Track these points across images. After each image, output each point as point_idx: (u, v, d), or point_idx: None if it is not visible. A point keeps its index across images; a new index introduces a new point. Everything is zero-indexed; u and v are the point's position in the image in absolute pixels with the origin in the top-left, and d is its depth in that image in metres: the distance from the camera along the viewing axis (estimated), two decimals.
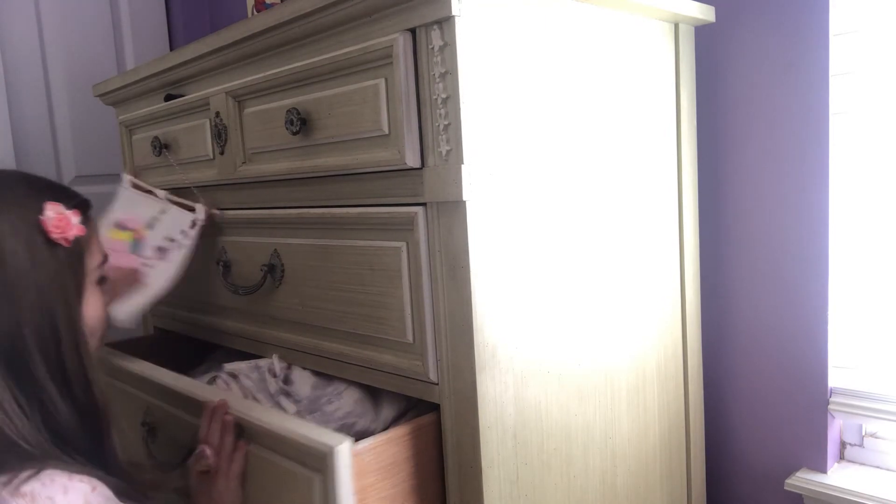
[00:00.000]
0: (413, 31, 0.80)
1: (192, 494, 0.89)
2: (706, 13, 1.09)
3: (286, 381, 1.03)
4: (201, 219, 1.13)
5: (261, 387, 1.02)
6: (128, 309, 1.06)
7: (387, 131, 0.83)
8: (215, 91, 1.09)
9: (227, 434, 0.86)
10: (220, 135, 1.09)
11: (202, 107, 1.14)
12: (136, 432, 1.06)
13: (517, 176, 0.84)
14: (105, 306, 0.83)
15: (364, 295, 0.92)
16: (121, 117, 1.41)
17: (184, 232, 1.12)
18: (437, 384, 0.84)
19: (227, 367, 1.06)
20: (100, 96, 1.46)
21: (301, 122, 0.92)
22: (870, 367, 1.15)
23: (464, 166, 0.77)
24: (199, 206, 1.14)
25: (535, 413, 0.87)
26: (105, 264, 0.84)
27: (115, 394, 1.15)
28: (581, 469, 0.95)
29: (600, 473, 0.98)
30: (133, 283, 1.09)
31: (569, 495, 0.93)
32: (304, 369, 1.04)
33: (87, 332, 0.78)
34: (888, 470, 1.15)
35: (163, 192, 1.22)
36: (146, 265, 1.12)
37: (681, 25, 1.07)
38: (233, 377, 1.03)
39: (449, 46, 0.76)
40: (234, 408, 0.88)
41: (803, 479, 1.15)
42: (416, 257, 0.84)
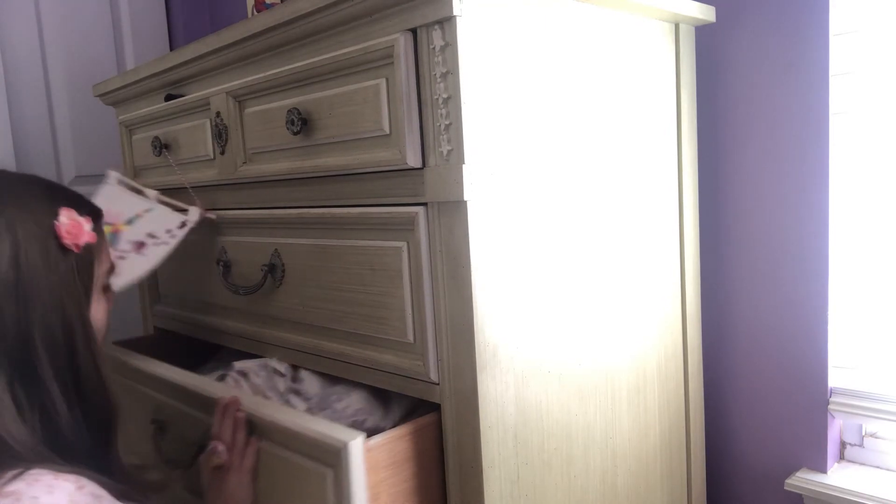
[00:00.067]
0: (414, 31, 0.80)
1: (204, 491, 0.90)
2: (706, 13, 1.09)
3: (294, 379, 1.03)
4: (193, 220, 1.13)
5: (270, 385, 1.02)
6: None
7: (388, 131, 0.83)
8: (216, 91, 1.09)
9: (240, 430, 0.87)
10: (221, 135, 1.09)
11: (202, 107, 1.14)
12: (145, 430, 1.07)
13: (518, 176, 0.84)
14: (108, 313, 0.83)
15: (365, 295, 0.92)
16: (121, 117, 1.41)
17: (170, 231, 1.12)
18: (438, 384, 0.84)
19: (237, 365, 1.07)
20: (100, 96, 1.46)
21: (302, 122, 0.92)
22: (870, 367, 1.15)
23: (465, 166, 0.77)
24: (194, 208, 1.14)
25: (536, 413, 0.87)
26: (112, 272, 0.84)
27: (124, 391, 1.16)
28: (581, 469, 0.95)
29: (601, 473, 0.98)
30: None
31: (569, 495, 0.93)
32: (309, 370, 1.04)
33: None
34: (888, 470, 1.15)
35: (153, 192, 1.22)
36: (120, 257, 1.11)
37: (681, 25, 1.07)
38: (243, 375, 1.04)
39: (450, 46, 0.76)
40: (246, 405, 0.89)
41: (803, 479, 1.15)
42: (416, 257, 0.84)
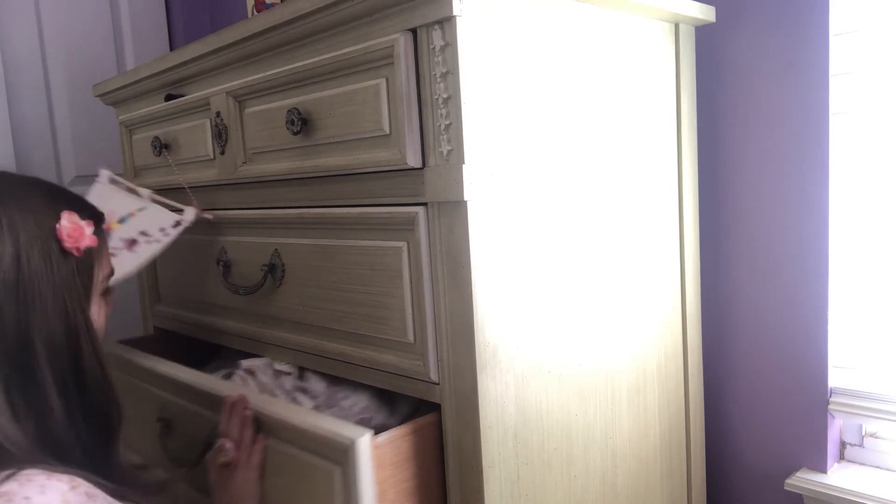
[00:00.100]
0: (414, 31, 0.80)
1: (210, 488, 0.90)
2: (706, 13, 1.09)
3: (301, 378, 1.03)
4: (188, 220, 1.13)
5: (277, 383, 1.03)
6: None
7: (388, 131, 0.83)
8: (216, 91, 1.09)
9: (247, 428, 0.88)
10: (221, 135, 1.09)
11: (202, 107, 1.14)
12: (152, 428, 1.07)
13: (518, 176, 0.84)
14: (107, 317, 0.84)
15: (365, 295, 0.92)
16: (121, 117, 1.41)
17: (163, 230, 1.11)
18: (438, 384, 0.84)
19: (244, 363, 1.07)
20: (100, 96, 1.46)
21: (302, 122, 0.92)
22: (870, 367, 1.15)
23: (465, 166, 0.77)
24: (190, 208, 1.14)
25: (536, 413, 0.87)
26: (112, 276, 0.84)
27: (130, 390, 1.17)
28: (581, 469, 0.95)
29: (601, 473, 0.98)
30: None
31: (569, 495, 0.93)
32: (312, 371, 1.05)
33: None
34: (888, 470, 1.15)
35: (146, 191, 1.21)
36: (111, 255, 1.11)
37: (681, 25, 1.07)
38: (249, 373, 1.05)
39: (450, 46, 0.76)
40: (253, 402, 0.89)
41: (803, 479, 1.15)
42: (416, 257, 0.84)
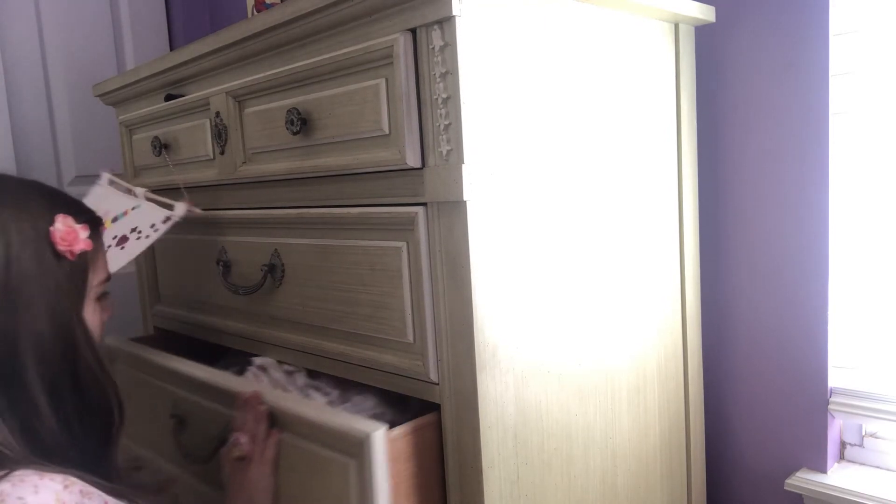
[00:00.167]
0: (413, 31, 0.80)
1: (224, 483, 0.91)
2: (706, 13, 1.09)
3: (311, 376, 1.04)
4: (178, 215, 1.13)
5: (290, 380, 1.04)
6: None
7: (387, 131, 0.83)
8: (215, 91, 1.09)
9: (261, 423, 0.88)
10: (221, 135, 1.09)
11: (202, 107, 1.14)
12: (165, 425, 1.09)
13: (518, 176, 0.84)
14: (102, 322, 0.83)
15: (364, 295, 0.92)
16: (121, 117, 1.41)
17: (153, 226, 1.12)
18: (438, 384, 0.84)
19: (257, 360, 1.08)
20: (100, 96, 1.46)
21: (301, 122, 0.92)
22: (870, 367, 1.15)
23: (464, 166, 0.77)
24: (180, 203, 1.14)
25: (536, 413, 0.87)
26: (108, 282, 0.84)
27: (142, 387, 1.19)
28: (581, 469, 0.95)
29: (601, 473, 0.98)
30: None
31: (569, 495, 0.93)
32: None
33: None
34: (888, 470, 1.15)
35: (141, 190, 1.21)
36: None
37: (681, 25, 1.07)
38: (262, 370, 1.06)
39: (449, 46, 0.76)
40: (268, 398, 0.90)
41: (803, 479, 1.15)
42: (416, 257, 0.84)
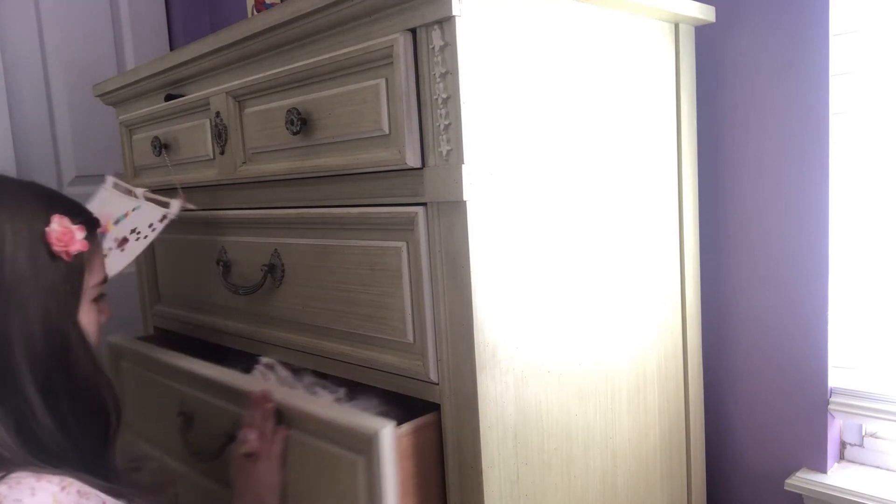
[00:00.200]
0: (413, 31, 0.80)
1: (232, 479, 0.92)
2: (706, 13, 1.09)
3: (317, 374, 1.05)
4: (173, 213, 1.13)
5: (297, 378, 1.05)
6: None
7: (387, 131, 0.83)
8: (215, 91, 1.09)
9: (269, 420, 0.90)
10: (221, 135, 1.09)
11: (202, 107, 1.14)
12: (172, 423, 1.10)
13: (518, 176, 0.84)
14: (99, 324, 0.83)
15: (364, 295, 0.92)
16: (121, 117, 1.41)
17: (151, 225, 1.12)
18: (438, 384, 0.84)
19: (263, 359, 1.09)
20: (100, 96, 1.46)
21: (301, 122, 0.92)
22: (870, 367, 1.15)
23: (464, 166, 0.77)
24: (175, 201, 1.14)
25: (536, 413, 0.87)
26: (105, 283, 0.84)
27: (149, 385, 1.21)
28: (581, 469, 0.95)
29: (601, 473, 0.98)
30: None
31: (569, 495, 0.93)
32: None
33: None
34: (888, 470, 1.15)
35: (140, 191, 1.22)
36: (104, 255, 1.12)
37: (681, 25, 1.07)
38: (269, 368, 1.07)
39: (449, 46, 0.76)
40: (277, 395, 0.91)
41: (803, 479, 1.15)
42: (416, 257, 0.84)
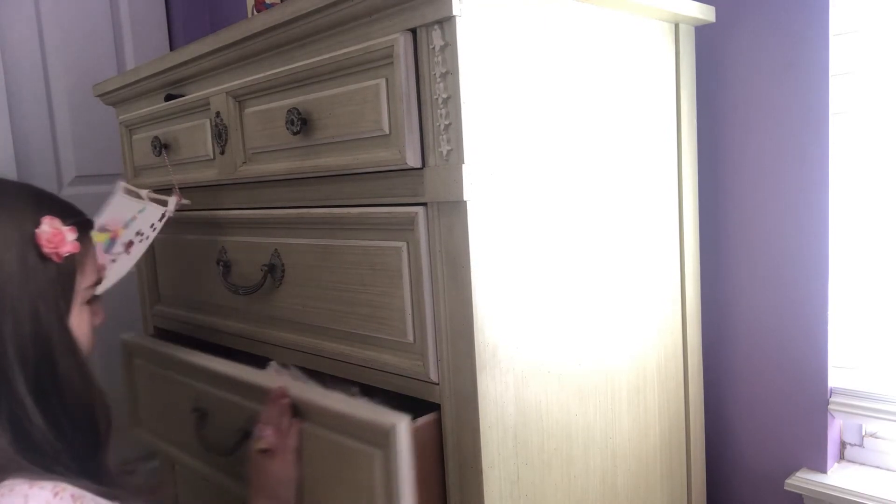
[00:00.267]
0: (414, 31, 0.80)
1: (249, 475, 0.93)
2: (706, 13, 1.09)
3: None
4: (171, 211, 1.14)
5: (308, 375, 1.05)
6: None
7: (387, 131, 0.83)
8: (215, 91, 1.09)
9: (285, 415, 0.91)
10: (221, 135, 1.09)
11: (202, 107, 1.14)
12: (187, 419, 1.12)
13: (518, 176, 0.84)
14: (92, 326, 0.83)
15: (364, 295, 0.92)
16: (121, 117, 1.41)
17: (153, 225, 1.13)
18: (438, 384, 0.84)
19: (274, 363, 1.10)
20: (100, 96, 1.46)
21: (301, 122, 0.92)
22: (870, 367, 1.15)
23: (464, 166, 0.77)
24: (171, 198, 1.14)
25: (536, 413, 0.87)
26: (98, 285, 0.84)
27: (164, 382, 1.23)
28: (581, 469, 0.95)
29: (601, 473, 0.98)
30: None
31: (569, 495, 0.93)
32: None
33: None
34: (888, 470, 1.15)
35: (145, 192, 1.22)
36: (112, 261, 1.13)
37: (681, 25, 1.07)
38: (284, 366, 1.07)
39: (450, 46, 0.76)
40: (294, 390, 0.93)
41: (803, 479, 1.15)
42: (416, 257, 0.84)
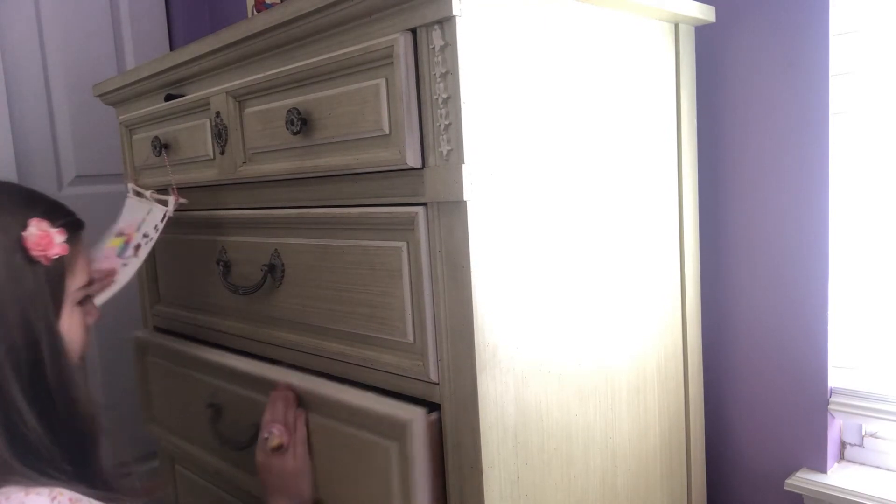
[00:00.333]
0: (414, 31, 0.80)
1: (263, 479, 0.94)
2: (706, 13, 1.09)
3: None
4: (171, 210, 1.14)
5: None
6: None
7: (387, 131, 0.83)
8: (215, 91, 1.09)
9: (290, 408, 0.93)
10: (221, 135, 1.09)
11: (202, 107, 1.14)
12: (202, 415, 1.15)
13: (518, 176, 0.84)
14: (85, 327, 0.83)
15: (365, 295, 0.92)
16: (121, 117, 1.41)
17: (156, 226, 1.13)
18: (438, 384, 0.84)
19: None
20: (100, 96, 1.45)
21: (301, 123, 0.92)
22: (870, 367, 1.15)
23: (464, 166, 0.77)
24: (170, 198, 1.15)
25: (536, 413, 0.87)
26: (90, 286, 0.83)
27: (179, 379, 1.26)
28: (581, 469, 0.95)
29: (601, 473, 0.98)
30: (107, 283, 1.09)
31: (569, 495, 0.93)
32: None
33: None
34: (888, 470, 1.15)
35: (149, 192, 1.22)
36: (124, 265, 1.13)
37: (681, 25, 1.07)
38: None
39: (450, 46, 0.76)
40: (308, 384, 0.95)
41: (803, 479, 1.15)
42: (416, 257, 0.84)
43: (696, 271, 1.15)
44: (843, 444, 1.20)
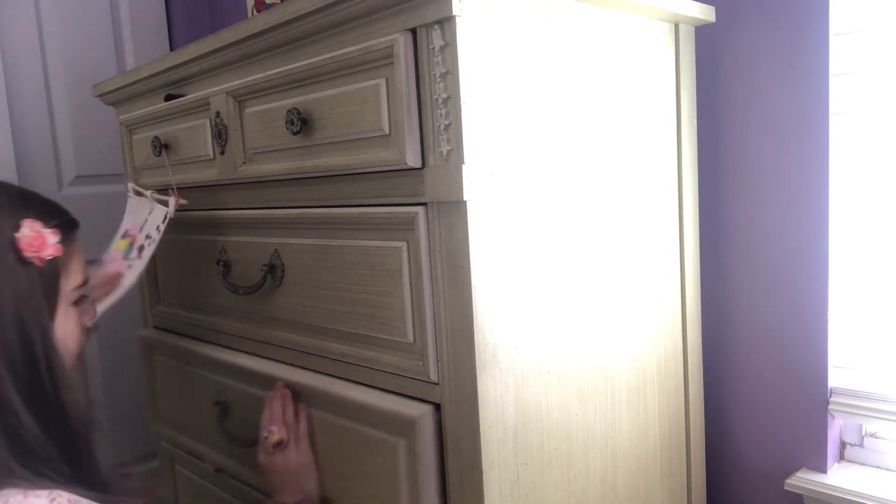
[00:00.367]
0: (414, 31, 0.80)
1: (267, 478, 0.95)
2: (706, 13, 1.09)
3: None
4: (171, 211, 1.14)
5: None
6: (99, 309, 1.07)
7: (387, 131, 0.83)
8: (215, 91, 1.09)
9: (288, 405, 0.93)
10: (221, 135, 1.09)
11: (202, 107, 1.14)
12: (209, 412, 1.16)
13: (518, 176, 0.84)
14: (81, 327, 0.82)
15: (364, 295, 0.92)
16: (121, 117, 1.41)
17: (158, 227, 1.13)
18: (438, 384, 0.84)
19: None
20: (100, 96, 1.45)
21: (301, 123, 0.92)
22: (870, 367, 1.15)
23: (464, 166, 0.77)
24: (170, 199, 1.15)
25: (536, 413, 0.87)
26: (85, 286, 0.83)
27: (186, 377, 1.26)
28: (581, 469, 0.95)
29: (601, 473, 0.98)
30: (114, 286, 1.09)
31: (569, 495, 0.93)
32: None
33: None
34: (888, 470, 1.15)
35: (149, 192, 1.22)
36: (129, 266, 1.13)
37: (681, 25, 1.07)
38: None
39: (450, 46, 0.76)
40: (314, 382, 0.96)
41: (803, 479, 1.15)
42: (416, 257, 0.84)
43: (696, 271, 1.15)
44: (843, 444, 1.20)
